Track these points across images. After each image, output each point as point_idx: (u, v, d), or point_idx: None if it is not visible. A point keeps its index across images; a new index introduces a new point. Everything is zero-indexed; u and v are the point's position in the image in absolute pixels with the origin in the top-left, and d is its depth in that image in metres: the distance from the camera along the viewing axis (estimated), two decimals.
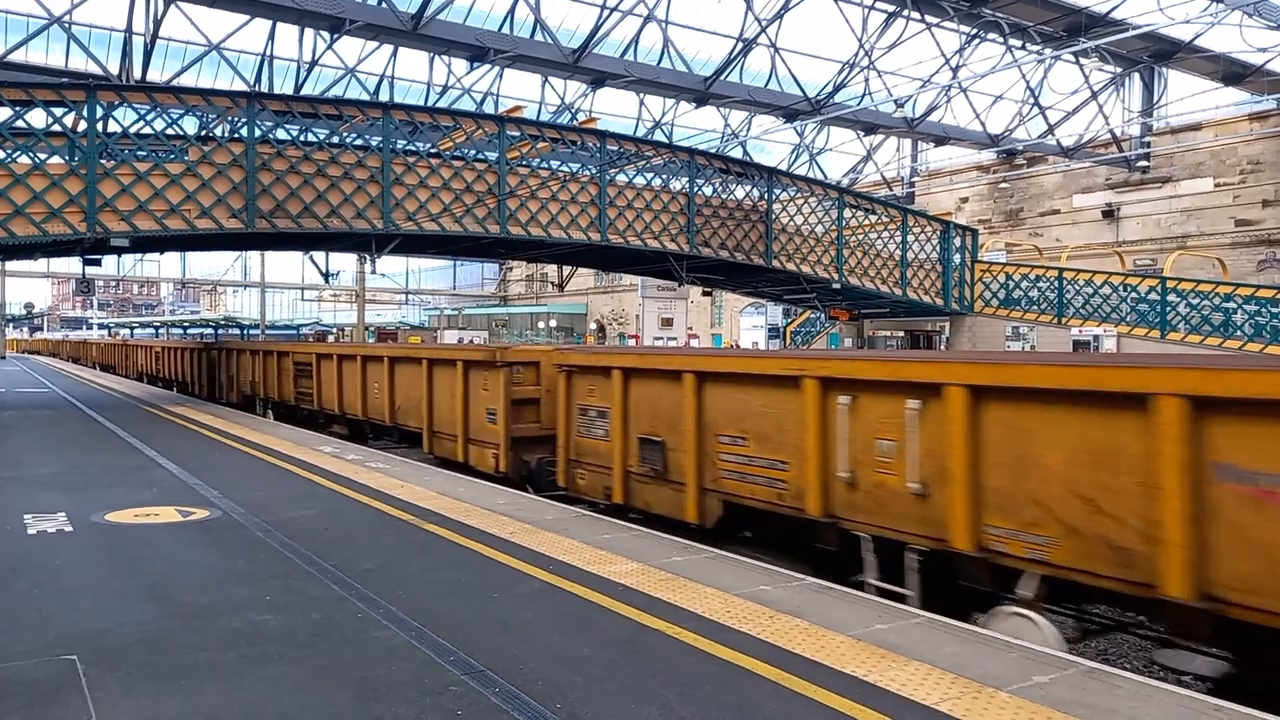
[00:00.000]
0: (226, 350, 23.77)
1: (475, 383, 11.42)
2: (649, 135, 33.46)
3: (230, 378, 22.46)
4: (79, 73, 24.93)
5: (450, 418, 11.94)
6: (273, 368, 19.44)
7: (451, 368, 11.93)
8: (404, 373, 13.58)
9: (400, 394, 13.74)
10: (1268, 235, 29.79)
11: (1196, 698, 3.93)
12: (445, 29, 24.22)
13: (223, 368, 23.24)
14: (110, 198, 16.31)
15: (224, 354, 23.69)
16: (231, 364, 22.49)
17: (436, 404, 12.46)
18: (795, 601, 5.29)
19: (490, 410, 11.02)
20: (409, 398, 13.39)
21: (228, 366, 22.80)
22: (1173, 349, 23.94)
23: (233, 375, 22.28)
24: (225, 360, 23.20)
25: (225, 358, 23.34)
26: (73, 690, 3.93)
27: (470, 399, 11.51)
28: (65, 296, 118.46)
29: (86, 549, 6.62)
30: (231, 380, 22.38)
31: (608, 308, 56.51)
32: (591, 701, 3.86)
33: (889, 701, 3.84)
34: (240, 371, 21.72)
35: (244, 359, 21.62)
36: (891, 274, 28.18)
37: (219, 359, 23.85)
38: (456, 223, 20.29)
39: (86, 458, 11.50)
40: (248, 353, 21.63)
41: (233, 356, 22.67)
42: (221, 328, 64.44)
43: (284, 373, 18.83)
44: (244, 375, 21.40)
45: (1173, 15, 23.27)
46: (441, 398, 12.32)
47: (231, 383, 22.38)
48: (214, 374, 24.04)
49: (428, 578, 5.85)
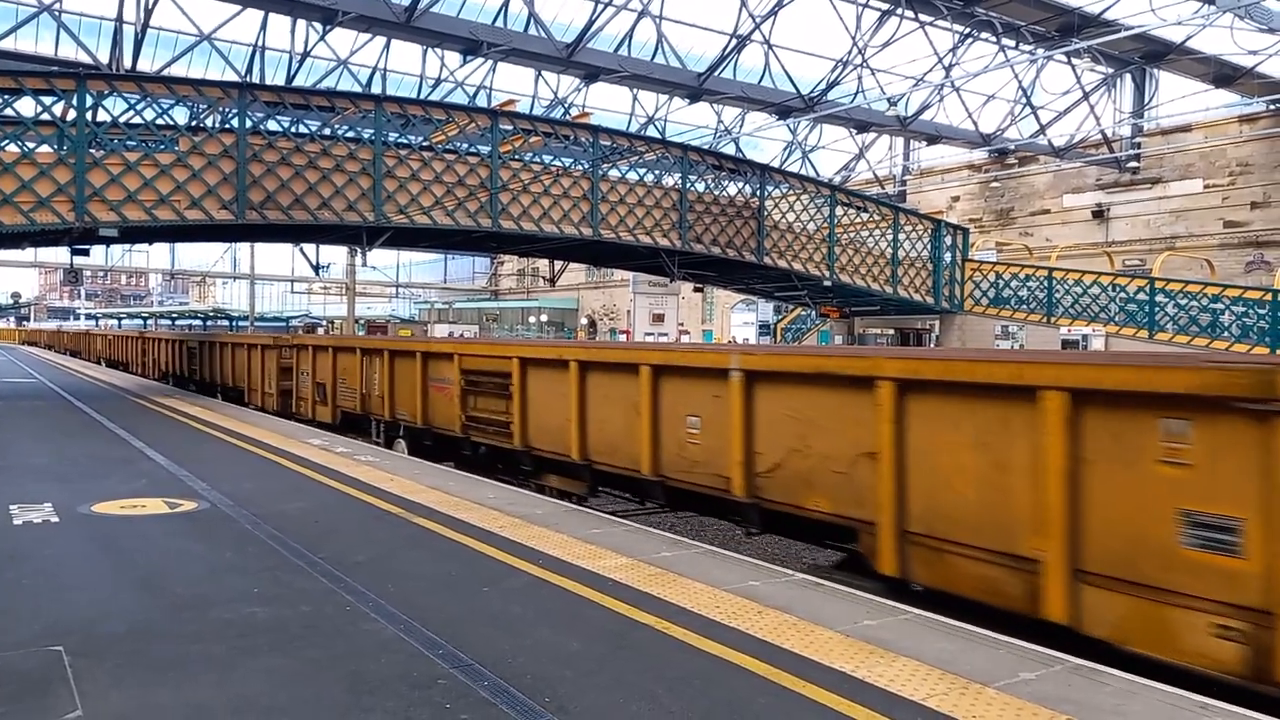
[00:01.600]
0: (306, 347, 18.13)
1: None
2: (642, 131, 33.42)
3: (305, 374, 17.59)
4: (69, 61, 24.77)
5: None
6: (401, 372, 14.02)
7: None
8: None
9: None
10: (1256, 237, 29.98)
11: (1182, 695, 3.96)
12: (438, 21, 24.14)
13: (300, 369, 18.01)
14: (99, 187, 16.22)
15: (300, 350, 18.29)
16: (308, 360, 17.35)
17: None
18: (784, 597, 5.30)
19: None
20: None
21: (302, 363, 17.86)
22: (1161, 349, 24.08)
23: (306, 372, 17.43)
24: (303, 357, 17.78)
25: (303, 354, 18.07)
26: (59, 681, 3.92)
27: None
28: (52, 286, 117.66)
29: (73, 540, 6.59)
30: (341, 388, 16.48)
31: (599, 303, 56.49)
32: (581, 695, 3.87)
33: (877, 697, 3.85)
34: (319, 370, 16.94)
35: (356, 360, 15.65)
36: (883, 272, 28.25)
37: (293, 356, 18.39)
38: (448, 216, 20.26)
39: (74, 448, 11.44)
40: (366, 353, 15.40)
41: (312, 352, 17.32)
42: (210, 319, 64.10)
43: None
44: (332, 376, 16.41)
45: (1165, 17, 23.40)
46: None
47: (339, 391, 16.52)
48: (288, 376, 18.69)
49: (417, 571, 5.85)
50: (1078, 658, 4.39)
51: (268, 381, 18.71)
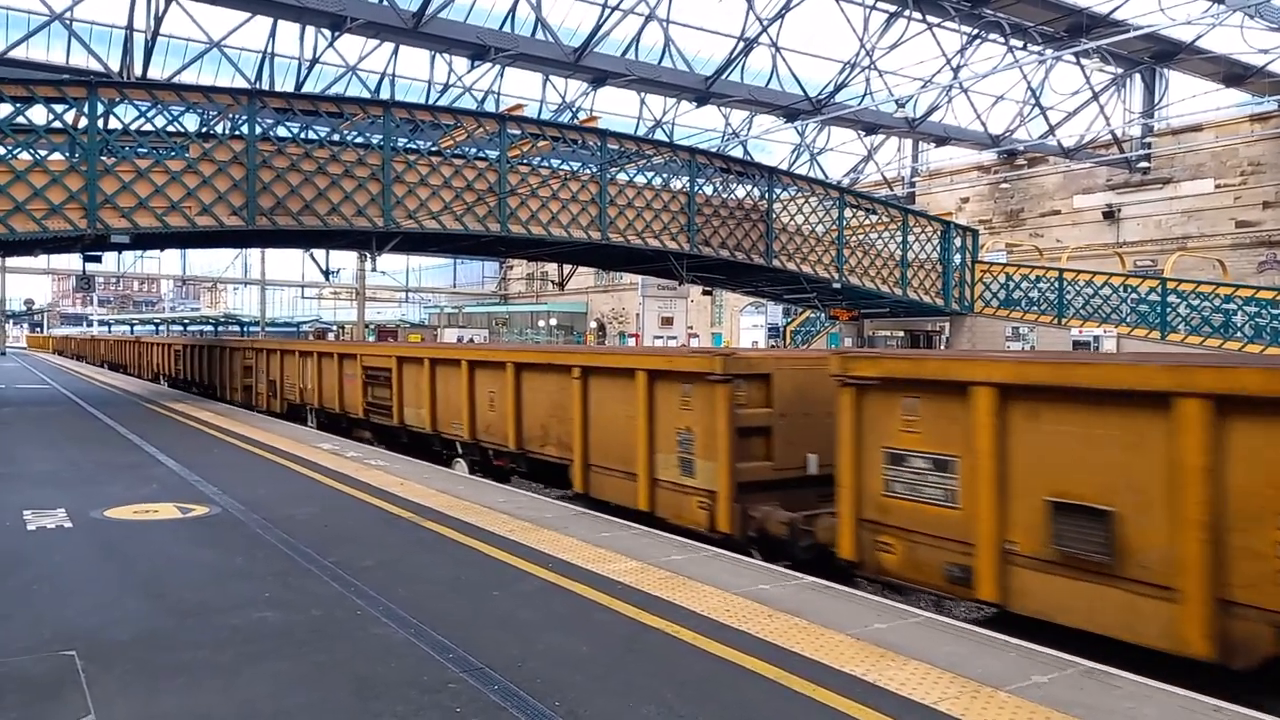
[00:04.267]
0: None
1: (666, 402, 8.22)
2: (650, 134, 33.44)
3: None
4: (80, 69, 24.93)
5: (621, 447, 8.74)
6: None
7: (625, 380, 8.61)
8: (537, 383, 10.15)
9: (532, 412, 10.27)
10: (1268, 237, 29.78)
11: (1195, 698, 3.93)
12: (446, 27, 24.18)
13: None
14: (111, 194, 16.29)
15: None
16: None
17: (594, 426, 9.17)
18: (794, 600, 5.29)
19: (687, 439, 7.87)
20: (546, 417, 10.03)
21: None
22: (1173, 350, 23.94)
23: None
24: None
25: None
26: (72, 686, 3.93)
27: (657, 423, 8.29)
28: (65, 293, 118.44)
29: (85, 545, 6.62)
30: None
31: (608, 306, 56.48)
32: (591, 700, 3.86)
33: (889, 701, 3.84)
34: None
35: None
36: (892, 274, 28.17)
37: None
38: (457, 221, 20.29)
39: (86, 454, 11.50)
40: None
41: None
42: (221, 325, 64.38)
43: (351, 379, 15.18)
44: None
45: (1174, 16, 23.25)
46: (605, 419, 9.05)
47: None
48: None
49: (427, 575, 5.85)
50: (1090, 660, 4.36)
51: (234, 379, 21.88)
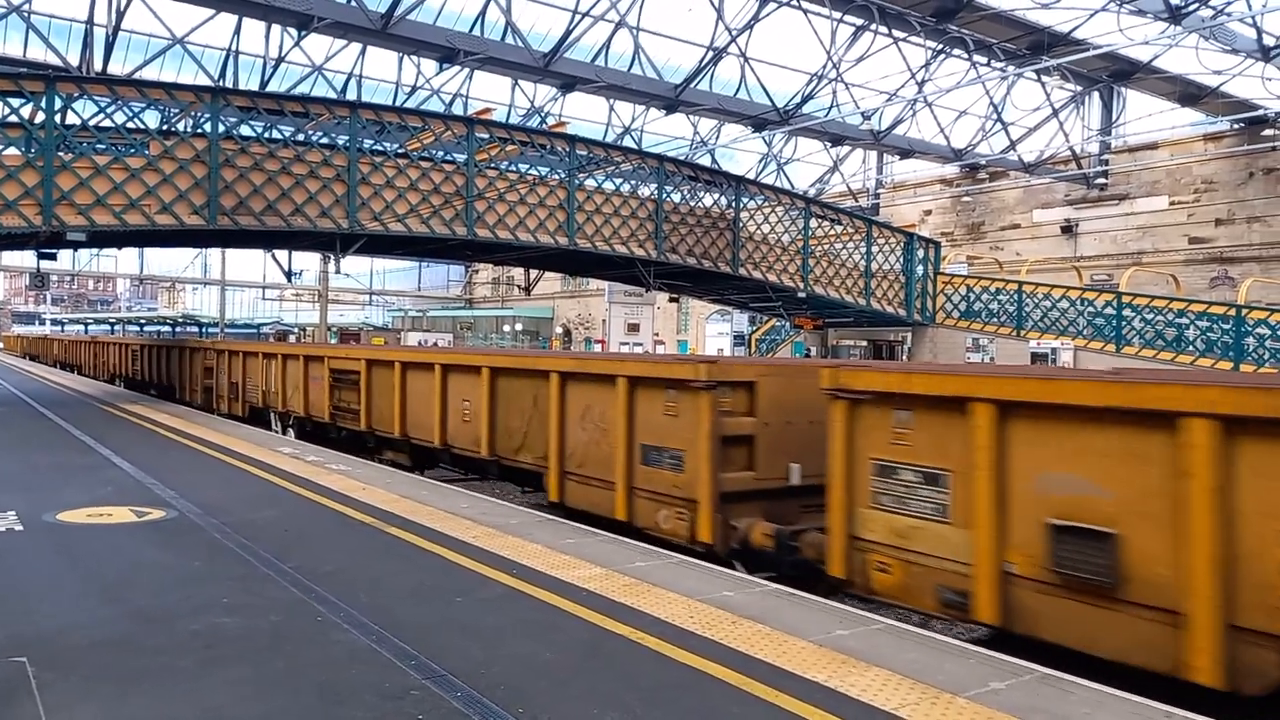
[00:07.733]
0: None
1: (648, 409, 8.06)
2: (618, 141, 33.49)
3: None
4: (38, 63, 24.43)
5: (600, 456, 8.54)
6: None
7: (606, 386, 8.39)
8: (511, 388, 10.00)
9: (505, 416, 10.19)
10: (1220, 253, 30.55)
11: (1147, 704, 4.02)
12: (415, 29, 24.05)
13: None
14: (67, 191, 15.99)
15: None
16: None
17: (570, 434, 8.96)
18: (758, 607, 5.33)
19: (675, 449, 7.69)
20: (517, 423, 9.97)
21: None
22: (1127, 363, 24.44)
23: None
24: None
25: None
26: (24, 694, 3.85)
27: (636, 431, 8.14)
28: (18, 291, 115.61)
29: (38, 549, 6.47)
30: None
31: (574, 312, 56.40)
32: (554, 706, 3.86)
33: (850, 707, 3.88)
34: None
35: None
36: (856, 284, 28.47)
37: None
38: (423, 224, 20.17)
39: (38, 456, 11.25)
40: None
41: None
42: (179, 325, 63.28)
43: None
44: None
45: (1132, 36, 23.85)
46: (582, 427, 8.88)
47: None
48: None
49: (389, 581, 5.80)
50: (1046, 667, 4.45)
51: (194, 381, 21.42)
